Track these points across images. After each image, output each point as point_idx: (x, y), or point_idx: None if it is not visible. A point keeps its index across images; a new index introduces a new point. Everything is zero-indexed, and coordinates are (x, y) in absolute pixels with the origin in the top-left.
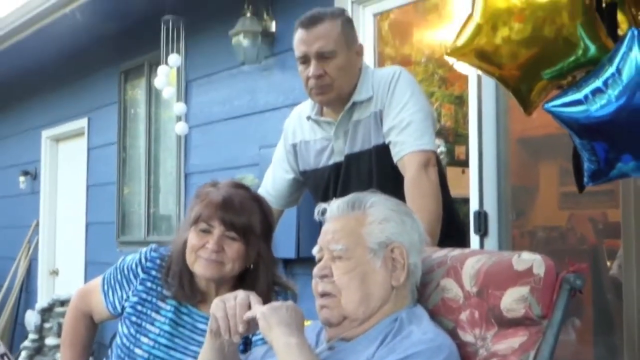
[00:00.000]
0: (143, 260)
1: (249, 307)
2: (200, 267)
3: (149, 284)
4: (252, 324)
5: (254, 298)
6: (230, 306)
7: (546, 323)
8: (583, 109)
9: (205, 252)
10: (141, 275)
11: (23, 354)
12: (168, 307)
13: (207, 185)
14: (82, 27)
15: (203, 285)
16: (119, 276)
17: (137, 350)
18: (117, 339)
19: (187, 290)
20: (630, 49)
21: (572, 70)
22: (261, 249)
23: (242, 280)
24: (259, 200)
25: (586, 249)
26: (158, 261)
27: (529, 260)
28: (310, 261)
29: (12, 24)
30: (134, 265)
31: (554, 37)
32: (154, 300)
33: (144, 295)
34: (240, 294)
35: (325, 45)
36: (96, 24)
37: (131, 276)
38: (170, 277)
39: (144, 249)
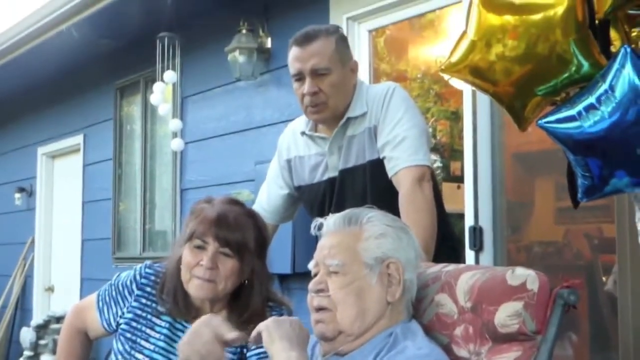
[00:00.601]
0: (138, 277)
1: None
2: (194, 289)
3: (143, 301)
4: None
5: (225, 328)
6: (200, 345)
7: (540, 338)
8: (576, 125)
9: (200, 270)
10: (136, 292)
11: None
12: (163, 324)
13: (201, 201)
14: (78, 44)
15: (198, 302)
16: (113, 293)
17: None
18: (112, 356)
19: (181, 306)
20: (623, 65)
21: (566, 86)
22: (255, 265)
23: (236, 296)
24: (253, 216)
25: (582, 264)
26: (153, 278)
27: (523, 275)
28: (306, 276)
29: (8, 41)
30: (128, 282)
31: (548, 54)
32: (149, 316)
33: (138, 312)
34: (204, 332)
35: (320, 63)
36: (92, 40)
37: (126, 293)
38: (165, 294)
39: (138, 266)
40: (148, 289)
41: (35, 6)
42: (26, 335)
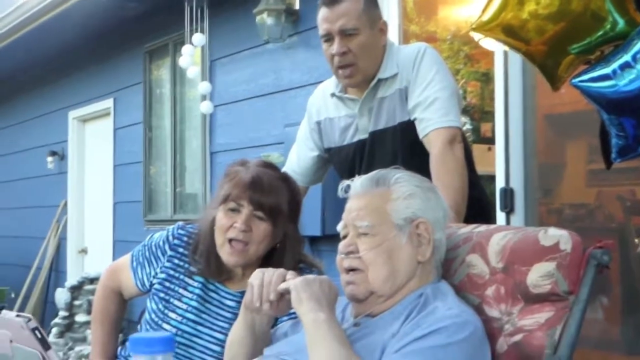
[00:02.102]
0: (170, 238)
1: (284, 281)
2: (226, 254)
3: (176, 261)
4: (283, 300)
5: (291, 274)
6: (267, 276)
7: (573, 299)
8: (611, 84)
9: (234, 232)
10: (169, 252)
11: (54, 330)
12: (195, 284)
13: (236, 164)
14: (107, 7)
15: (230, 265)
16: (147, 253)
17: (166, 326)
18: (146, 315)
19: (213, 268)
20: None
21: (600, 44)
22: (288, 228)
23: (268, 258)
24: (287, 180)
25: (614, 227)
26: (185, 239)
27: (556, 236)
28: (336, 238)
29: (38, 5)
30: (161, 243)
31: (582, 10)
32: (182, 277)
33: (171, 272)
34: (280, 269)
35: (348, 23)
36: (120, 4)
37: (159, 253)
38: (198, 255)
39: (171, 227)
40: (180, 250)
41: None
42: (61, 296)
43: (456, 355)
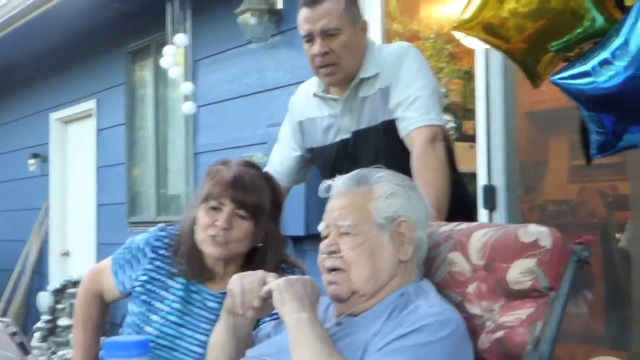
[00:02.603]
0: (151, 240)
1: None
2: (208, 246)
3: (157, 263)
4: (266, 304)
5: (271, 276)
6: (246, 282)
7: (553, 295)
8: (590, 81)
9: (215, 229)
10: (150, 254)
11: (36, 335)
12: (178, 285)
13: (218, 163)
14: (89, 8)
15: (211, 263)
16: (128, 256)
17: (148, 328)
18: (128, 318)
19: (195, 268)
20: (638, 19)
21: (580, 42)
22: (270, 228)
23: (250, 258)
24: (269, 180)
25: (596, 222)
26: (166, 240)
27: (536, 232)
28: (319, 238)
29: (19, 6)
30: (142, 245)
31: (561, 8)
32: (164, 278)
33: (153, 274)
34: (259, 272)
35: (329, 23)
36: (102, 4)
37: (140, 255)
38: (179, 256)
39: (152, 229)
40: (162, 252)
41: None
42: (44, 299)
43: (438, 353)
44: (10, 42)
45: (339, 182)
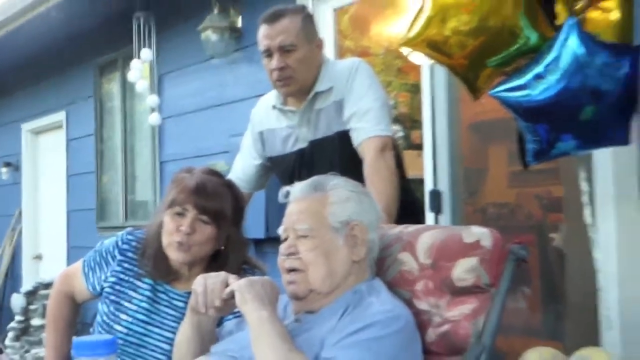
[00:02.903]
0: (120, 243)
1: (227, 286)
2: (173, 252)
3: (126, 265)
4: (228, 303)
5: (233, 277)
6: (210, 283)
7: (494, 291)
8: (526, 94)
9: (179, 234)
10: (118, 257)
11: (10, 334)
12: (145, 286)
13: (182, 171)
14: (58, 24)
15: (177, 265)
16: (98, 258)
17: (117, 327)
18: (98, 317)
19: (161, 269)
20: (567, 37)
21: (516, 58)
22: (232, 232)
23: (214, 260)
24: (230, 187)
25: (533, 224)
26: (134, 243)
27: (477, 233)
28: (279, 240)
29: None
30: (111, 248)
31: (499, 27)
32: (131, 279)
33: (121, 276)
34: (222, 273)
35: (286, 39)
36: (71, 21)
37: (109, 258)
38: (146, 258)
39: (120, 233)
40: (130, 254)
41: None
42: (17, 301)
43: (389, 346)
44: None
45: (297, 189)
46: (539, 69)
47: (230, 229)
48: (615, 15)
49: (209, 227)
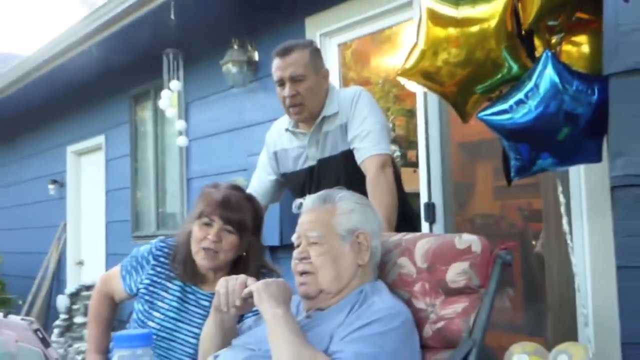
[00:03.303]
0: (153, 250)
1: (246, 287)
2: (200, 259)
3: (158, 269)
4: (247, 302)
5: (251, 280)
6: (231, 284)
7: (483, 291)
8: (509, 117)
9: (206, 242)
10: (152, 262)
11: (55, 331)
12: (175, 287)
13: (209, 186)
14: (98, 60)
15: (203, 269)
16: (134, 263)
17: (150, 323)
18: (134, 315)
19: (190, 272)
20: (545, 67)
21: (499, 85)
22: (252, 240)
23: (235, 265)
24: (251, 200)
25: (515, 232)
26: (166, 250)
27: (468, 240)
28: (292, 247)
29: (41, 58)
30: (146, 254)
31: (484, 59)
32: (163, 281)
33: (154, 278)
34: (242, 276)
35: (296, 70)
36: (110, 57)
37: (144, 263)
38: (177, 262)
39: (154, 241)
40: (162, 259)
41: (61, 29)
42: (61, 301)
43: (391, 340)
44: (32, 88)
45: (308, 201)
46: (520, 95)
47: (251, 237)
48: (586, 48)
49: (233, 236)
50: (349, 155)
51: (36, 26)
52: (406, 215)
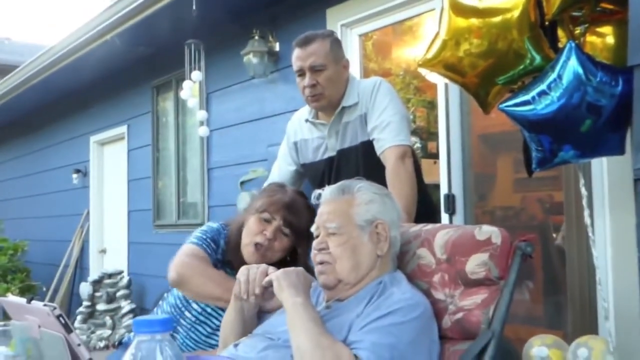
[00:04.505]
0: (222, 230)
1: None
2: (248, 253)
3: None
4: (267, 291)
5: (272, 269)
6: (252, 273)
7: (503, 283)
8: (531, 108)
9: (261, 237)
10: (222, 238)
11: (78, 317)
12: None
13: (275, 185)
14: (121, 51)
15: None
16: (209, 235)
17: (187, 313)
18: (171, 299)
19: (237, 262)
20: (568, 58)
21: (522, 76)
22: (302, 245)
23: (279, 267)
24: (311, 208)
25: (536, 224)
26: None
27: (488, 231)
28: (311, 237)
29: (64, 49)
30: (217, 227)
31: (506, 50)
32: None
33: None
34: (263, 265)
35: (317, 60)
36: (132, 48)
37: (218, 235)
38: (228, 250)
39: (214, 225)
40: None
41: (84, 20)
42: (84, 288)
43: (409, 331)
44: (55, 79)
45: (327, 191)
46: (542, 86)
47: (303, 243)
48: (610, 39)
49: (287, 239)
50: (368, 146)
51: (61, 16)
52: (427, 207)
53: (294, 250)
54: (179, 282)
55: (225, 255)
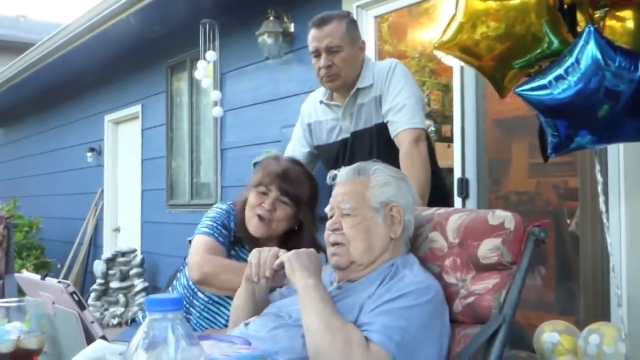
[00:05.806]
0: (231, 212)
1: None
2: (253, 226)
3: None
4: (278, 274)
5: (283, 252)
6: (263, 256)
7: (515, 268)
8: (548, 93)
9: (261, 209)
10: (232, 221)
11: (92, 295)
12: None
13: (271, 159)
14: (136, 30)
15: (255, 235)
16: (219, 221)
17: (200, 294)
18: (184, 280)
19: (247, 237)
20: (587, 42)
21: (539, 60)
22: (306, 214)
23: (287, 239)
24: (310, 176)
25: (550, 210)
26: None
27: (502, 216)
28: (325, 218)
29: (79, 28)
30: (226, 208)
31: (524, 33)
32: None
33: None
34: (274, 249)
35: (333, 41)
36: (147, 27)
37: (228, 218)
38: (237, 228)
39: (223, 206)
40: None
41: None
42: (98, 267)
43: (421, 315)
44: (71, 58)
45: (343, 173)
46: (560, 71)
47: (306, 211)
48: (630, 24)
49: (288, 207)
50: (383, 128)
51: None
52: (440, 191)
53: (303, 219)
54: (204, 282)
55: (236, 234)
